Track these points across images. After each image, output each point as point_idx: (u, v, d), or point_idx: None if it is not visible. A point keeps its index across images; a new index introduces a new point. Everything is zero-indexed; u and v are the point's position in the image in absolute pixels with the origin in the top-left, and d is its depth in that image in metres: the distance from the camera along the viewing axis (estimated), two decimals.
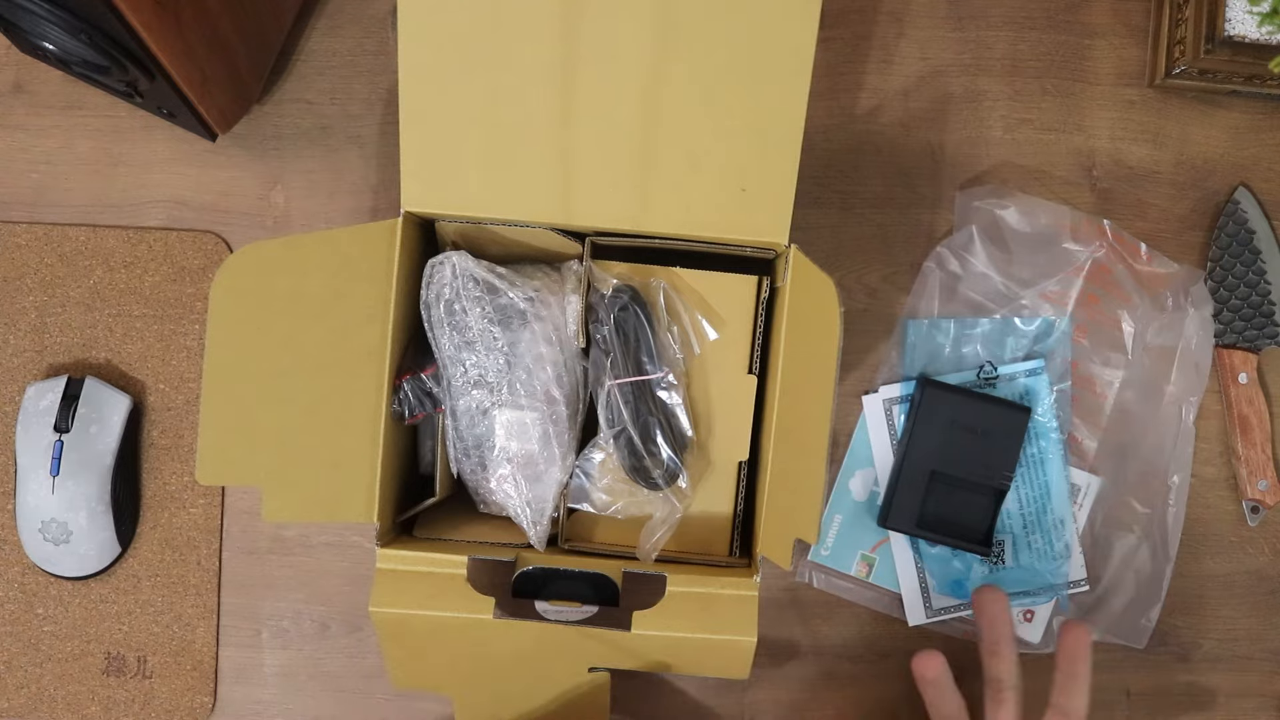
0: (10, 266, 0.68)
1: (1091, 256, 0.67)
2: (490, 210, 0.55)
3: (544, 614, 0.56)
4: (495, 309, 0.56)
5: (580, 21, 0.53)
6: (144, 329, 0.68)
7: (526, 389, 0.57)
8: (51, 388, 0.64)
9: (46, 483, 0.63)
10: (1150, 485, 0.67)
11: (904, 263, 0.68)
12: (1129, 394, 0.67)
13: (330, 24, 0.69)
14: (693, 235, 0.56)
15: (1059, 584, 0.66)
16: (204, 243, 0.68)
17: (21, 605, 0.67)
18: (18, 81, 0.69)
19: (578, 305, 0.57)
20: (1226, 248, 0.68)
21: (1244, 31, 0.62)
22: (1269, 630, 0.68)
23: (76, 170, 0.69)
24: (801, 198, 0.57)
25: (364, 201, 0.69)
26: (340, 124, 0.69)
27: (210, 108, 0.62)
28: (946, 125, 0.69)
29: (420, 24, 0.53)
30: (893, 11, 0.69)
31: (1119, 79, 0.70)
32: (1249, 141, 0.69)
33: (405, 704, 0.67)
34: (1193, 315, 0.67)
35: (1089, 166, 0.69)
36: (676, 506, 0.58)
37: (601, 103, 0.54)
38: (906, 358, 0.67)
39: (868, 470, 0.67)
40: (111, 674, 0.66)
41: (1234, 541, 0.69)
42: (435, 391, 0.58)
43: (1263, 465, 0.68)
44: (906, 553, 0.67)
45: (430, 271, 0.57)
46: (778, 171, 0.54)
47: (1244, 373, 0.68)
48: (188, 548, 0.67)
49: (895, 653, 0.67)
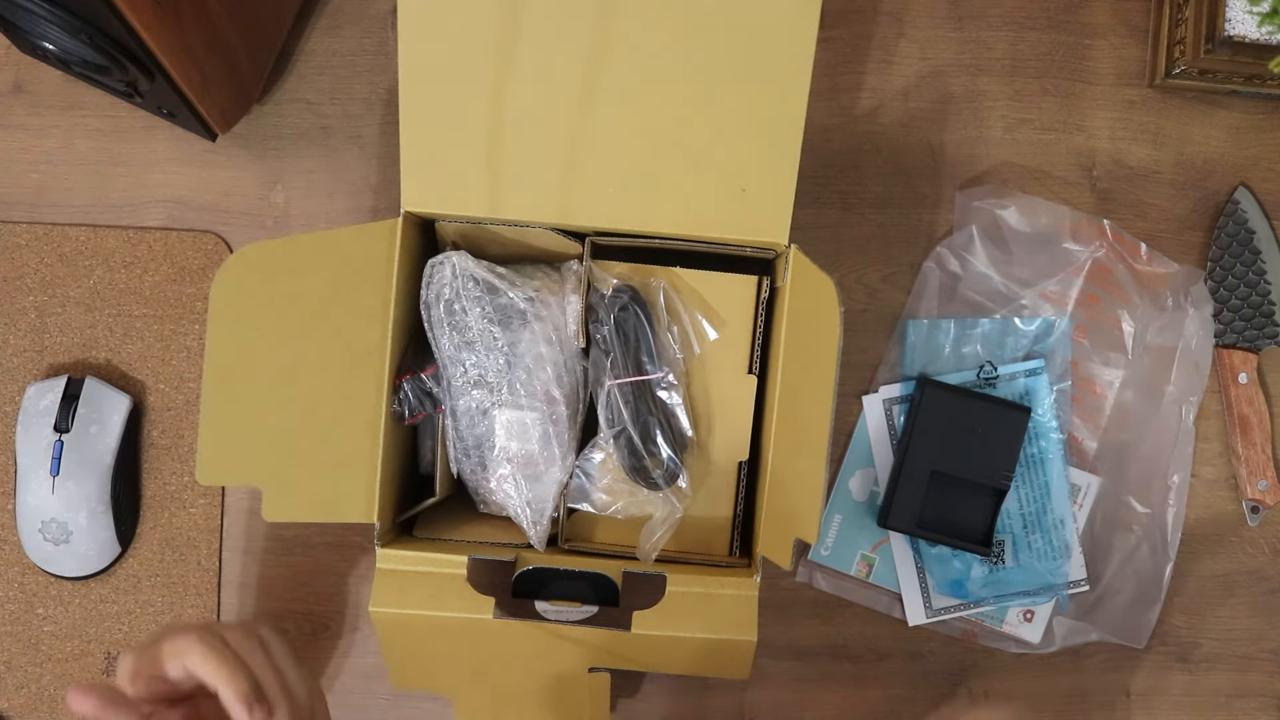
0: (10, 266, 0.68)
1: (1091, 256, 0.67)
2: (490, 210, 0.55)
3: (544, 614, 0.56)
4: (495, 309, 0.56)
5: (580, 22, 0.53)
6: (144, 329, 0.68)
7: (526, 389, 0.57)
8: (51, 388, 0.64)
9: (46, 483, 0.63)
10: (1150, 485, 0.67)
11: (904, 263, 0.68)
12: (1129, 394, 0.67)
13: (330, 24, 0.69)
14: (693, 235, 0.56)
15: (1059, 584, 0.66)
16: (204, 243, 0.68)
17: (21, 605, 0.67)
18: (18, 81, 0.69)
19: (578, 305, 0.57)
20: (1226, 248, 0.68)
21: (1244, 31, 0.62)
22: (1269, 630, 0.68)
23: (76, 170, 0.69)
24: (801, 198, 0.57)
25: (364, 201, 0.69)
26: (340, 124, 0.69)
27: (210, 108, 0.62)
28: (946, 125, 0.69)
29: (420, 24, 0.53)
30: (893, 11, 0.69)
31: (1119, 79, 0.70)
32: (1249, 141, 0.69)
33: (405, 704, 0.67)
34: (1193, 315, 0.67)
35: (1089, 166, 0.69)
36: (676, 506, 0.58)
37: (601, 103, 0.54)
38: (906, 358, 0.67)
39: (868, 470, 0.67)
40: (111, 674, 0.66)
41: (1234, 541, 0.69)
42: (435, 391, 0.58)
43: (1263, 465, 0.68)
44: (906, 553, 0.67)
45: (430, 271, 0.57)
46: (778, 171, 0.54)
47: (1244, 373, 0.68)
48: (188, 548, 0.67)
49: (895, 653, 0.67)
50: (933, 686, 0.67)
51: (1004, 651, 0.67)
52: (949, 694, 0.67)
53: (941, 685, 0.67)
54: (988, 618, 0.67)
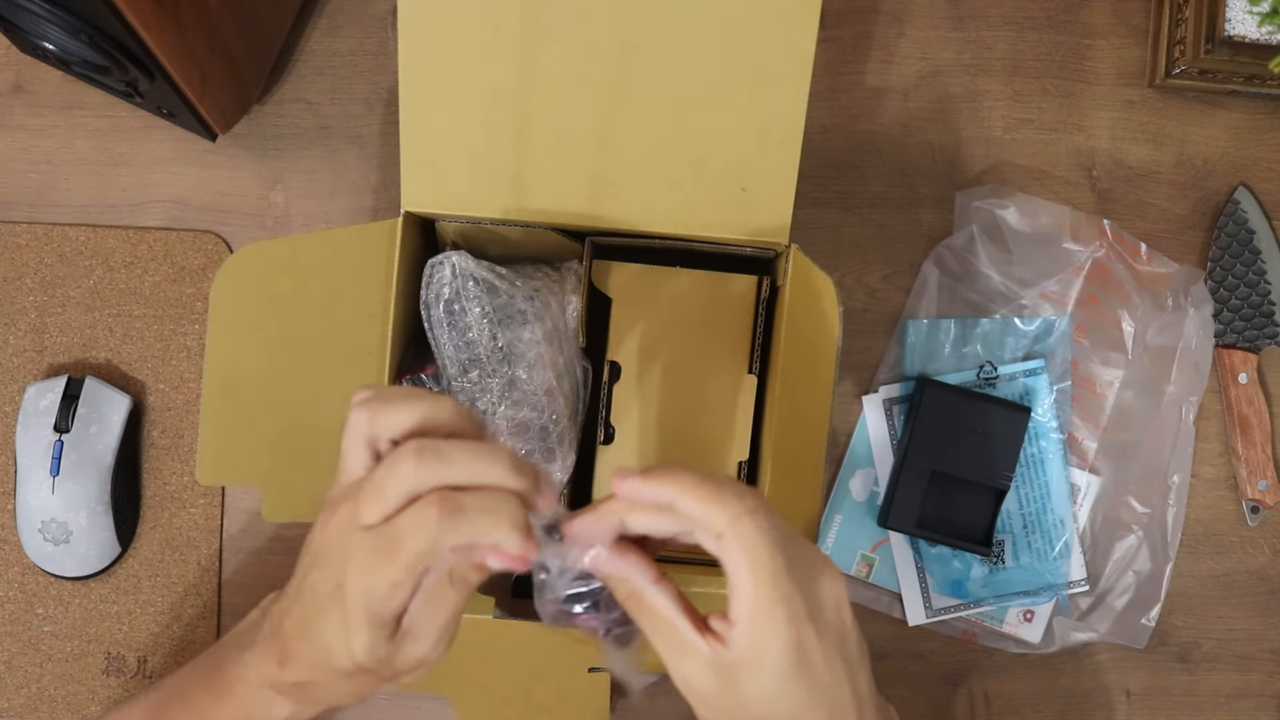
0: (10, 266, 0.68)
1: (1091, 256, 0.67)
2: (490, 210, 0.55)
3: None
4: (495, 309, 0.56)
5: (580, 22, 0.53)
6: (144, 329, 0.68)
7: (526, 389, 0.57)
8: (51, 388, 0.64)
9: (46, 483, 0.63)
10: (1150, 485, 0.67)
11: (904, 263, 0.68)
12: (1129, 394, 0.67)
13: (330, 24, 0.69)
14: (693, 235, 0.56)
15: (1059, 584, 0.66)
16: (204, 243, 0.68)
17: (21, 605, 0.67)
18: (18, 81, 0.69)
19: (578, 305, 0.57)
20: (1226, 248, 0.68)
21: (1244, 31, 0.62)
22: (1269, 630, 0.68)
23: (76, 170, 0.69)
24: (801, 198, 0.57)
25: (364, 201, 0.69)
26: (340, 124, 0.69)
27: (210, 108, 0.62)
28: (946, 125, 0.69)
29: (420, 24, 0.53)
30: (893, 11, 0.69)
31: (1119, 79, 0.70)
32: (1249, 141, 0.69)
33: (405, 704, 0.67)
34: (1193, 315, 0.67)
35: (1089, 166, 0.69)
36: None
37: (602, 103, 0.54)
38: (906, 358, 0.67)
39: (868, 470, 0.67)
40: (111, 674, 0.66)
41: (1234, 541, 0.68)
42: (435, 391, 0.58)
43: (1263, 465, 0.68)
44: (906, 553, 0.67)
45: (430, 271, 0.57)
46: (778, 171, 0.54)
47: (1244, 373, 0.68)
48: (188, 548, 0.67)
49: (895, 653, 0.67)
50: (933, 686, 0.67)
51: (1004, 651, 0.67)
52: (949, 694, 0.67)
53: (941, 685, 0.67)
54: (988, 618, 0.67)
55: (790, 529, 0.40)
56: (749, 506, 0.38)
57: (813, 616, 0.38)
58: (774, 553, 0.38)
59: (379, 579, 0.37)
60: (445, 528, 0.37)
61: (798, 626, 0.38)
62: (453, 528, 0.37)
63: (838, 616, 0.40)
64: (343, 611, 0.38)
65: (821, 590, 0.39)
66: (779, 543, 0.38)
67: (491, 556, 0.39)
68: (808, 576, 0.39)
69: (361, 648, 0.39)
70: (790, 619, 0.38)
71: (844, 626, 0.40)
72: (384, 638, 0.39)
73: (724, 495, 0.39)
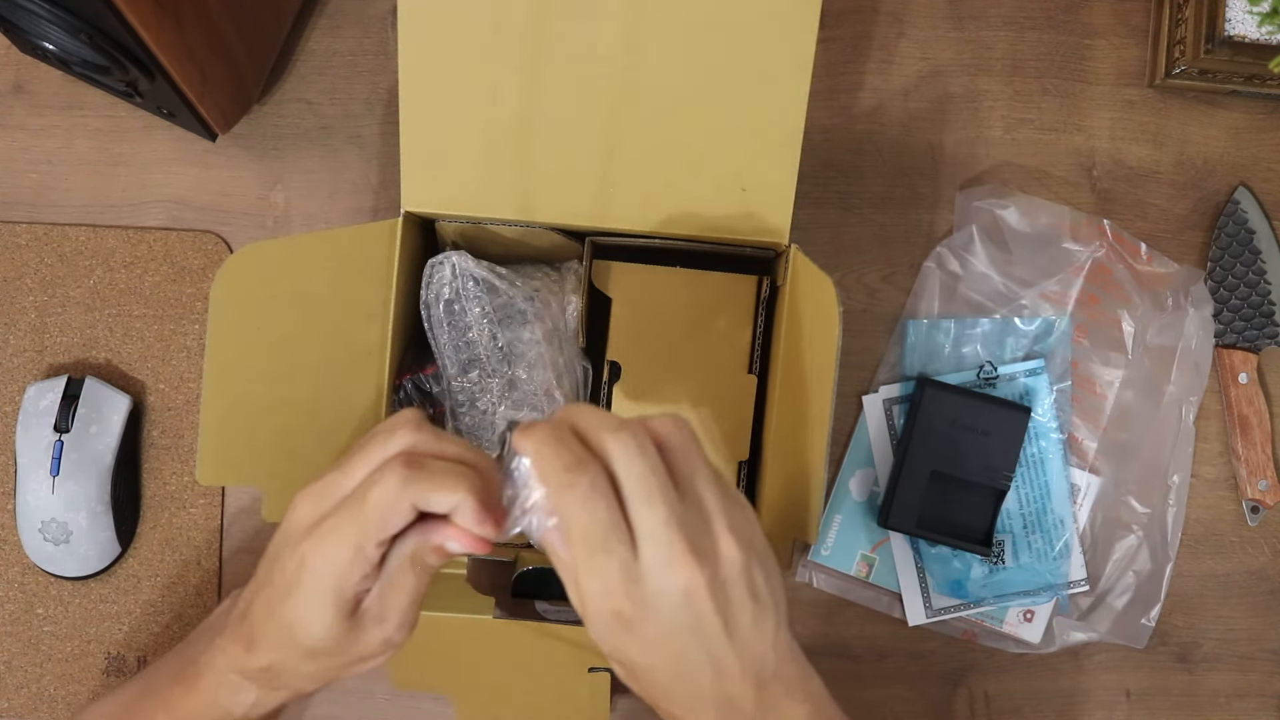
0: (10, 266, 0.68)
1: (1091, 256, 0.67)
2: (490, 210, 0.55)
3: (544, 614, 0.56)
4: (495, 309, 0.56)
5: (580, 22, 0.53)
6: (144, 329, 0.68)
7: (526, 389, 0.57)
8: (51, 388, 0.64)
9: (46, 483, 0.63)
10: (1150, 485, 0.67)
11: (904, 263, 0.68)
12: (1129, 394, 0.67)
13: (330, 24, 0.69)
14: (693, 235, 0.56)
15: (1059, 584, 0.66)
16: (204, 243, 0.68)
17: (21, 605, 0.67)
18: (18, 81, 0.69)
19: (578, 305, 0.57)
20: (1226, 248, 0.68)
21: (1244, 31, 0.62)
22: (1269, 630, 0.68)
23: (76, 170, 0.69)
24: (801, 198, 0.57)
25: (364, 201, 0.69)
26: (340, 124, 0.69)
27: (210, 108, 0.62)
28: (946, 125, 0.69)
29: (420, 24, 0.53)
30: (893, 11, 0.69)
31: (1119, 79, 0.70)
32: (1249, 141, 0.69)
33: (405, 704, 0.67)
34: (1193, 315, 0.67)
35: (1089, 166, 0.69)
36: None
37: (602, 103, 0.54)
38: (906, 358, 0.67)
39: (868, 470, 0.67)
40: (112, 674, 0.66)
41: (1234, 541, 0.68)
42: (435, 391, 0.58)
43: (1263, 465, 0.68)
44: (906, 553, 0.67)
45: (430, 271, 0.57)
46: (778, 171, 0.54)
47: (1244, 373, 0.68)
48: (188, 548, 0.67)
49: (895, 653, 0.67)
50: (933, 686, 0.67)
51: (1004, 651, 0.67)
52: (949, 694, 0.67)
53: (941, 685, 0.67)
54: (988, 618, 0.67)
55: (689, 448, 0.39)
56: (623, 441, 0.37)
57: (703, 560, 0.37)
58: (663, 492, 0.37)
59: (342, 546, 0.39)
60: (409, 479, 0.38)
61: (688, 572, 0.36)
62: (415, 479, 0.38)
63: (743, 561, 0.38)
64: (306, 586, 0.39)
65: (718, 532, 0.38)
66: (665, 484, 0.37)
67: (451, 539, 0.39)
68: (701, 519, 0.38)
69: (321, 624, 0.40)
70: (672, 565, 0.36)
71: (749, 577, 0.38)
72: (343, 615, 0.40)
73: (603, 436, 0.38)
